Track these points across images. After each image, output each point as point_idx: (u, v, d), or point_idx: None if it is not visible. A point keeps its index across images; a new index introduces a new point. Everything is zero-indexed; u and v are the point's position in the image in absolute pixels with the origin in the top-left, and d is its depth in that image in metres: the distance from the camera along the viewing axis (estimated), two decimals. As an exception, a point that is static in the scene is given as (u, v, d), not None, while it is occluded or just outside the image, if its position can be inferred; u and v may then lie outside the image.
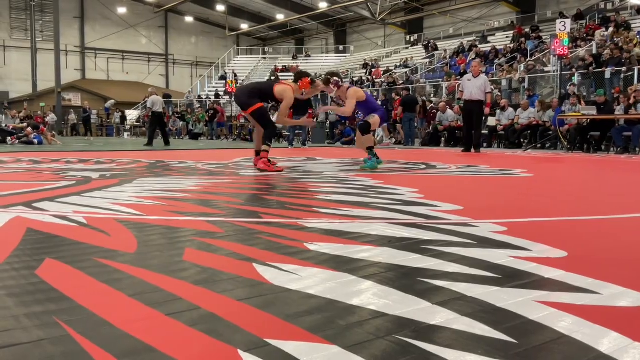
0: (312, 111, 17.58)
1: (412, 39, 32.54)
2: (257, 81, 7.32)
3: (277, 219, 2.81)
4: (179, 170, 6.23)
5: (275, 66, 33.51)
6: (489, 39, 26.07)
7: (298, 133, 16.09)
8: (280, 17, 36.84)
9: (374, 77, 25.37)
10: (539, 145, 12.80)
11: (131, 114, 30.39)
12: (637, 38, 16.09)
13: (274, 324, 1.31)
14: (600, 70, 14.75)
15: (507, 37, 24.96)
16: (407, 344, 1.18)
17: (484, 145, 13.18)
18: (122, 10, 37.77)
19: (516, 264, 1.87)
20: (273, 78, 12.70)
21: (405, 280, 1.68)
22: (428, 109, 17.01)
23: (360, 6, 31.58)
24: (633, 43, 15.62)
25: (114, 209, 3.10)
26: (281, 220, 2.77)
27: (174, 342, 1.19)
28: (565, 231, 2.62)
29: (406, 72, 25.07)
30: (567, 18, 17.05)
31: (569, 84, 13.73)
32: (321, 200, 3.63)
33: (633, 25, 18.46)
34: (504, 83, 17.56)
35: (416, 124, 16.40)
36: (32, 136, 15.04)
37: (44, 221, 2.69)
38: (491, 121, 14.17)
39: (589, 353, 1.14)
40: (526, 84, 16.60)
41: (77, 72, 38.04)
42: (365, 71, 28.15)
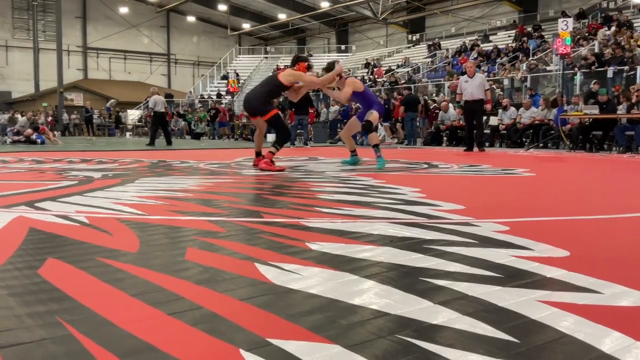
0: (314, 110, 17.57)
1: (414, 38, 32.53)
2: (259, 84, 7.35)
3: (279, 219, 2.81)
4: (181, 170, 6.23)
5: (277, 66, 33.50)
6: (491, 38, 26.03)
7: (300, 133, 16.08)
8: (282, 16, 36.84)
9: (376, 76, 25.35)
10: (541, 145, 12.78)
11: (133, 113, 30.41)
12: (640, 37, 16.05)
13: (276, 324, 1.31)
14: (602, 69, 14.72)
15: (509, 36, 24.93)
16: (409, 344, 1.18)
17: (487, 144, 13.16)
18: (124, 10, 37.80)
19: (518, 264, 1.87)
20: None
21: (407, 280, 1.68)
22: (430, 108, 17.00)
23: (362, 5, 31.55)
24: (636, 42, 15.58)
25: (116, 209, 3.11)
26: (283, 219, 2.78)
27: (176, 342, 1.19)
28: (568, 231, 2.62)
29: (408, 72, 25.06)
30: (569, 17, 17.02)
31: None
32: (323, 199, 3.63)
33: (635, 24, 18.40)
34: (506, 82, 17.53)
35: (418, 123, 16.39)
36: (34, 136, 15.07)
37: (46, 221, 2.70)
38: (493, 120, 14.16)
39: (591, 352, 1.14)
40: (528, 83, 16.57)
41: (79, 72, 38.08)
42: (367, 70, 28.13)
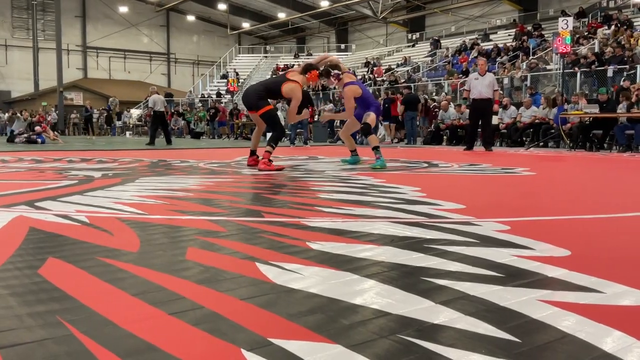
0: (313, 108, 17.56)
1: (414, 37, 32.52)
2: (264, 79, 7.42)
3: (280, 218, 2.80)
4: (181, 169, 6.23)
5: (277, 65, 33.49)
6: (491, 37, 26.03)
7: (299, 132, 16.08)
8: (281, 15, 36.83)
9: (376, 75, 25.35)
10: (541, 144, 12.78)
11: (132, 113, 30.37)
12: (640, 36, 16.05)
13: (277, 323, 1.31)
14: (602, 68, 14.72)
15: (509, 35, 24.93)
16: (410, 343, 1.18)
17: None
18: (123, 9, 37.79)
19: (519, 263, 1.86)
20: (281, 72, 12.73)
21: (408, 279, 1.68)
22: (430, 107, 17.00)
23: (362, 4, 31.55)
24: (636, 41, 15.58)
25: (116, 208, 3.10)
26: (283, 219, 2.77)
27: (177, 342, 1.19)
28: (569, 230, 2.61)
29: (408, 71, 25.05)
30: (570, 16, 17.02)
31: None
32: (323, 199, 3.62)
33: (635, 24, 18.41)
34: (506, 81, 17.53)
35: (418, 122, 16.40)
36: (34, 135, 15.08)
37: (47, 220, 2.69)
38: (494, 119, 14.15)
39: (593, 352, 1.14)
40: (528, 82, 16.58)
41: (79, 71, 38.09)
42: (367, 69, 28.12)
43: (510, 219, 2.76)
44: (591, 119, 11.47)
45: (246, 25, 39.73)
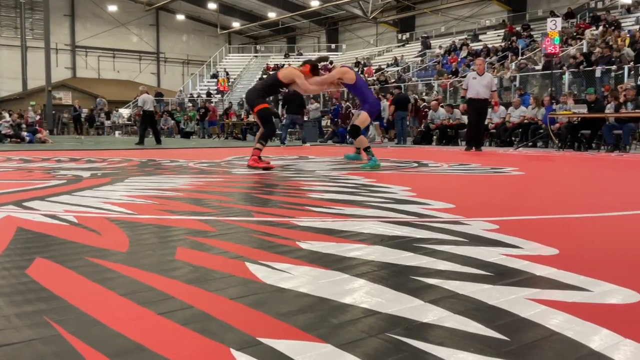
0: (306, 110, 17.53)
1: (404, 37, 32.59)
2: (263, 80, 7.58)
3: (269, 218, 2.80)
4: (171, 169, 6.21)
5: (267, 64, 33.45)
6: (481, 37, 26.16)
7: (291, 131, 16.06)
8: (272, 15, 36.77)
9: (366, 75, 25.38)
10: (530, 144, 12.85)
11: (123, 112, 30.20)
12: (628, 37, 16.18)
13: (267, 323, 1.30)
14: (590, 68, 14.83)
15: (498, 35, 25.06)
16: (400, 342, 1.18)
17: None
18: (112, 8, 37.54)
19: (508, 262, 1.87)
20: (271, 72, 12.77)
21: (398, 279, 1.68)
22: (420, 107, 17.04)
23: (352, 4, 31.56)
24: (623, 42, 15.71)
25: (105, 208, 3.09)
26: (273, 218, 2.77)
27: (166, 342, 1.19)
28: (557, 229, 2.63)
29: (398, 71, 25.11)
30: (558, 17, 17.12)
31: None
32: (313, 198, 3.62)
33: (623, 24, 18.57)
34: (495, 81, 17.61)
35: (408, 122, 16.43)
36: (24, 133, 14.98)
37: (35, 220, 2.67)
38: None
39: (580, 350, 1.15)
40: (517, 83, 16.66)
41: (68, 71, 37.80)
42: (357, 69, 28.17)
43: (499, 218, 2.77)
44: (579, 119, 11.56)
45: (236, 24, 39.63)
